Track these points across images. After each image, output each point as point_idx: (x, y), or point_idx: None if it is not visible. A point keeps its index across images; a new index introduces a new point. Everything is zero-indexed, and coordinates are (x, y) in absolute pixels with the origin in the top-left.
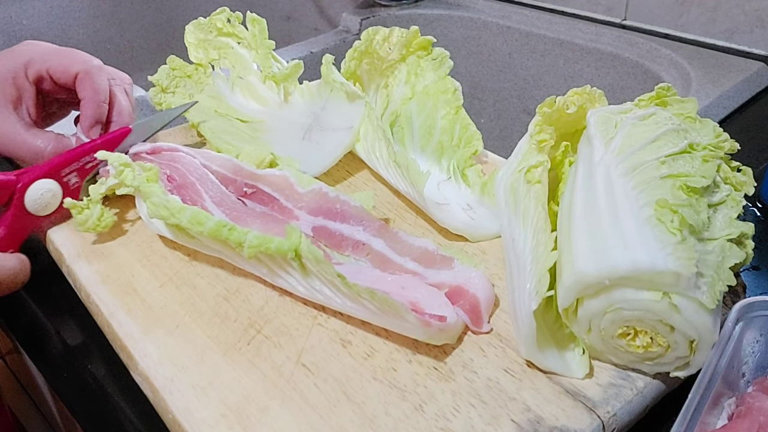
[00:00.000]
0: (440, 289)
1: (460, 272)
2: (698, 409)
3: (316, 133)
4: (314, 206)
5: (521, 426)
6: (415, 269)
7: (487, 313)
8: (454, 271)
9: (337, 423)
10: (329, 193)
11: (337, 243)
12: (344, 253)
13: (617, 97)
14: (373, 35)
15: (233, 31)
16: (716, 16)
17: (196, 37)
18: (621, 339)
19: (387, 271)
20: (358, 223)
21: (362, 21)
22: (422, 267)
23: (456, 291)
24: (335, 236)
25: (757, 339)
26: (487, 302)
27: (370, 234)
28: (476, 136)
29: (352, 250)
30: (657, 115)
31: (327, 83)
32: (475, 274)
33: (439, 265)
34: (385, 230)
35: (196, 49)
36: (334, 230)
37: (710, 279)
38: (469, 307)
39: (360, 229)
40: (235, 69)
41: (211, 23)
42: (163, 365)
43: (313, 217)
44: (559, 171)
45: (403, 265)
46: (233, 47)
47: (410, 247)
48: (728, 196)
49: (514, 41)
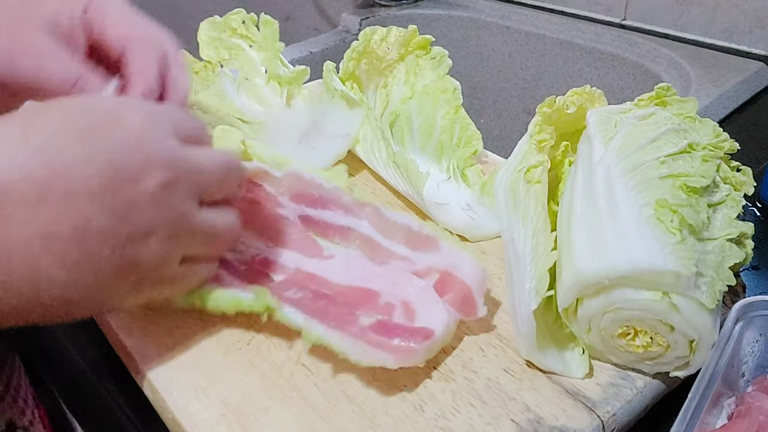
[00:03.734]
0: (429, 277)
1: (448, 255)
2: (698, 409)
3: (314, 138)
4: (294, 191)
5: (521, 426)
6: (403, 254)
7: (480, 297)
8: (441, 254)
9: (337, 423)
10: (304, 174)
11: (324, 231)
12: (334, 240)
13: (617, 97)
14: (371, 35)
15: (247, 33)
16: (716, 16)
17: (209, 35)
18: (621, 339)
19: (377, 259)
20: (338, 206)
21: (362, 21)
22: (410, 250)
23: (445, 279)
24: (320, 225)
25: (756, 339)
26: (479, 287)
27: (353, 216)
28: (476, 135)
29: (340, 237)
30: (657, 115)
31: (328, 90)
32: (463, 258)
33: (425, 246)
34: (366, 209)
35: (207, 46)
36: (318, 219)
37: (710, 279)
38: (460, 298)
39: (341, 212)
40: (243, 70)
41: (226, 23)
42: (163, 365)
43: (295, 204)
44: (558, 171)
45: (391, 250)
46: (245, 49)
47: (395, 226)
48: (728, 195)
49: (514, 41)
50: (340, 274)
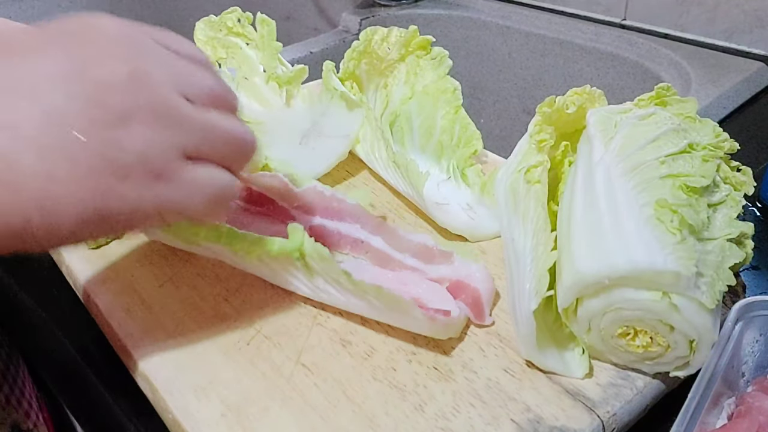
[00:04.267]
0: (441, 284)
1: (460, 266)
2: (698, 409)
3: (314, 138)
4: (310, 206)
5: (521, 426)
6: (414, 265)
7: (489, 306)
8: (454, 266)
9: (337, 423)
10: (325, 191)
11: (335, 242)
12: (343, 251)
13: (617, 97)
14: (372, 35)
15: (243, 32)
16: (716, 16)
17: (206, 35)
18: (621, 339)
19: (387, 267)
20: (355, 220)
21: (362, 21)
22: (422, 263)
23: (457, 285)
24: (333, 235)
25: (756, 339)
26: (488, 295)
27: (368, 232)
28: (476, 135)
29: (350, 248)
30: (657, 114)
31: (327, 90)
32: (476, 268)
33: (439, 260)
34: (383, 227)
35: (204, 46)
36: (332, 229)
37: (710, 279)
38: (471, 301)
39: (358, 226)
40: (241, 69)
41: (221, 22)
42: (163, 365)
43: (309, 216)
44: (558, 171)
45: (403, 261)
46: (242, 48)
47: (409, 243)
48: (728, 195)
49: (514, 41)
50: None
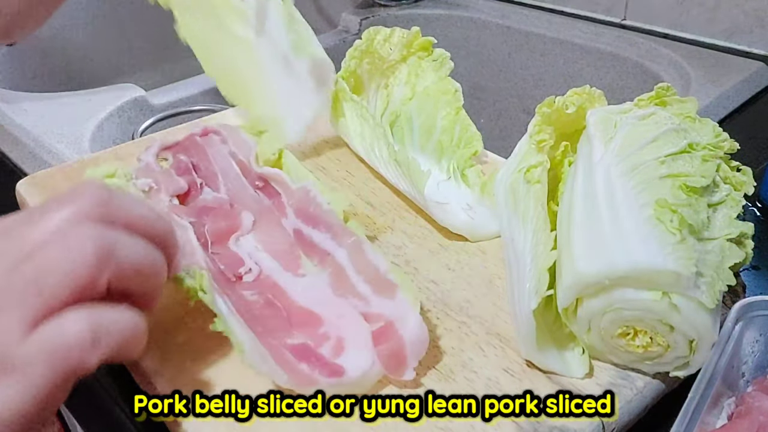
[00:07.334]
0: (376, 322)
1: (398, 307)
2: (698, 409)
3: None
4: (298, 206)
5: (521, 426)
6: (364, 293)
7: (413, 359)
8: (394, 303)
9: (337, 423)
10: (311, 192)
11: (309, 249)
12: (313, 261)
13: (617, 97)
14: (374, 35)
15: None
16: (716, 16)
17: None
18: (621, 339)
19: (339, 290)
20: (327, 229)
21: (362, 21)
22: (371, 291)
23: (386, 329)
24: (307, 242)
25: (756, 339)
26: (414, 347)
27: (336, 243)
28: (476, 136)
29: (319, 260)
30: (656, 115)
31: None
32: (411, 315)
33: (385, 292)
34: (350, 239)
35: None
36: (307, 235)
37: (710, 279)
38: (389, 352)
39: (328, 236)
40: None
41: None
42: (163, 365)
43: (295, 218)
44: (558, 171)
45: (355, 287)
46: None
47: (368, 265)
48: (728, 195)
49: (514, 41)
50: (301, 293)
